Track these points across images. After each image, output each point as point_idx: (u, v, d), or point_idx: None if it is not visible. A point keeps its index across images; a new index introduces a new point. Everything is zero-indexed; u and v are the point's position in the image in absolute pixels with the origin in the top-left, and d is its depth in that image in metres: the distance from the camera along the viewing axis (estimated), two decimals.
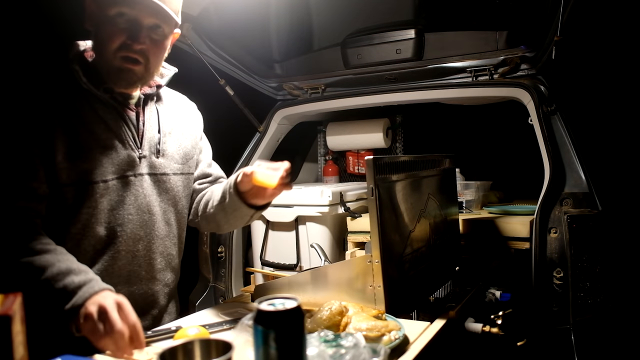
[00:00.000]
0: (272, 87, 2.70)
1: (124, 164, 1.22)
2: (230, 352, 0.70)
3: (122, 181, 1.22)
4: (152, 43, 1.18)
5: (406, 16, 2.33)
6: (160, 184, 1.30)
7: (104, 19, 1.14)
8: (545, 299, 1.82)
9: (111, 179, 1.20)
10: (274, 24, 2.54)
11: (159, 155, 1.30)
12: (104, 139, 1.20)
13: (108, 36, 1.14)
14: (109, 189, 1.19)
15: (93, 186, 1.17)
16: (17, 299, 0.71)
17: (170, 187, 1.33)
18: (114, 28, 1.13)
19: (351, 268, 1.25)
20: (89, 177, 1.16)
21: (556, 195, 1.89)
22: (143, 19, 1.14)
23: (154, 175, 1.29)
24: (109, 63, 1.17)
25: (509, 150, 2.84)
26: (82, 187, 1.16)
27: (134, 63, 1.17)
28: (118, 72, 1.17)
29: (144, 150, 1.27)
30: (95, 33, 1.19)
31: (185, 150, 1.38)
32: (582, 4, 1.71)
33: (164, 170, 1.31)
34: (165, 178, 1.31)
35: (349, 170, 3.21)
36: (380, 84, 2.52)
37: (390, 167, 1.29)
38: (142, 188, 1.26)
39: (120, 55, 1.15)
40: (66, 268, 1.06)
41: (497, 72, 2.23)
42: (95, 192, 1.17)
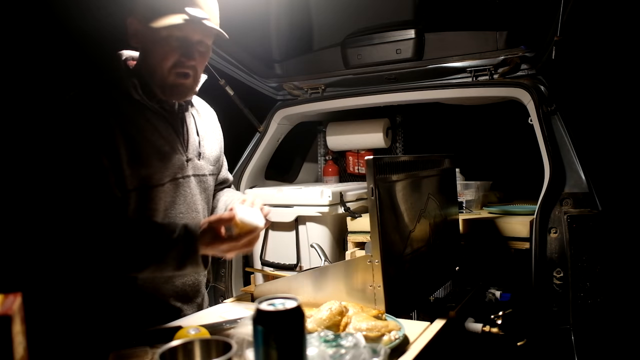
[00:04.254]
0: (272, 87, 2.70)
1: (175, 168, 1.32)
2: (230, 352, 0.70)
3: (174, 183, 1.32)
4: (200, 56, 1.27)
5: (406, 16, 2.33)
6: (201, 184, 1.42)
7: (155, 39, 1.22)
8: (545, 299, 1.82)
9: (166, 182, 1.30)
10: (274, 24, 2.54)
11: (200, 158, 1.41)
12: (158, 146, 1.29)
13: (162, 56, 1.23)
14: (164, 192, 1.30)
15: (152, 190, 1.27)
16: (17, 299, 0.71)
17: (207, 187, 1.45)
18: (167, 48, 1.22)
19: (351, 268, 1.25)
20: (149, 182, 1.26)
21: (556, 195, 1.89)
22: (192, 36, 1.23)
23: (197, 176, 1.40)
24: (164, 80, 1.25)
25: (509, 150, 2.84)
26: (143, 191, 1.25)
27: (186, 77, 1.26)
28: (172, 87, 1.26)
29: (189, 153, 1.37)
30: (145, 51, 1.27)
31: (216, 152, 1.50)
32: (582, 4, 1.71)
33: (204, 172, 1.43)
34: (205, 179, 1.43)
35: (349, 170, 3.21)
36: (380, 84, 2.52)
37: (390, 167, 1.29)
38: (189, 188, 1.37)
39: (175, 72, 1.24)
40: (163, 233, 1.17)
41: (497, 72, 2.23)
42: (153, 195, 1.27)
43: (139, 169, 1.24)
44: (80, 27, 2.22)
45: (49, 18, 2.21)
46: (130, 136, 1.23)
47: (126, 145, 1.22)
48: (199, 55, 1.26)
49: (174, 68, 1.24)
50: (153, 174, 1.26)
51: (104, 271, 1.25)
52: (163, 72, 1.24)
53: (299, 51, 2.60)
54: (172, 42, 1.22)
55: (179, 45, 1.22)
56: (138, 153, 1.24)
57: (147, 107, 1.29)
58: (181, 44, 1.22)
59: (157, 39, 1.22)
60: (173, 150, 1.32)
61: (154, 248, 1.16)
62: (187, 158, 1.36)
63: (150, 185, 1.26)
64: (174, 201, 1.32)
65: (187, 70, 1.25)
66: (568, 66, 2.21)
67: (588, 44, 2.45)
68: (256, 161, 2.68)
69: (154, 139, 1.28)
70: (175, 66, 1.24)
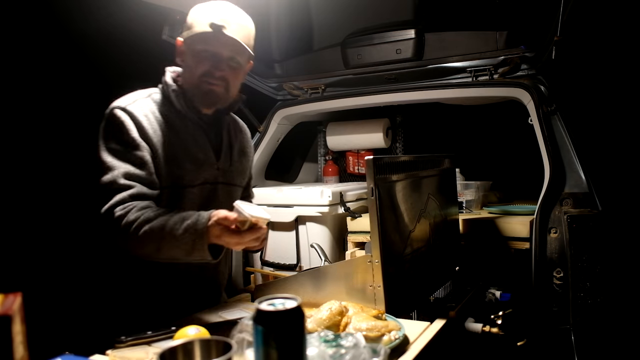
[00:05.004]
0: (272, 87, 2.70)
1: (206, 174, 1.46)
2: (230, 352, 0.70)
3: (203, 188, 1.45)
4: (230, 70, 1.42)
5: (406, 16, 2.33)
6: (229, 192, 1.54)
7: (192, 54, 1.40)
8: (545, 299, 1.82)
9: (196, 185, 1.43)
10: (274, 24, 2.54)
11: (230, 169, 1.54)
12: (193, 152, 1.43)
13: (195, 65, 1.40)
14: (194, 194, 1.43)
15: (183, 190, 1.40)
16: (17, 299, 0.71)
17: (235, 196, 1.56)
18: (200, 59, 1.39)
19: (351, 268, 1.25)
20: (181, 183, 1.40)
21: (556, 195, 1.89)
22: (222, 52, 1.39)
23: (226, 184, 1.53)
24: (197, 87, 1.41)
25: (509, 150, 2.84)
26: (175, 190, 1.39)
27: (216, 85, 1.42)
28: (204, 93, 1.42)
29: (221, 163, 1.51)
30: (185, 65, 1.44)
31: (245, 167, 1.64)
32: (582, 4, 1.71)
33: (234, 182, 1.57)
34: (232, 188, 1.56)
35: (349, 170, 3.21)
36: (380, 84, 2.52)
37: (390, 167, 1.29)
38: (217, 195, 1.49)
39: (206, 80, 1.40)
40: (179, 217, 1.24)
41: (497, 72, 2.23)
42: (183, 196, 1.40)
43: (173, 169, 1.38)
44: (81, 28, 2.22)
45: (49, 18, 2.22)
46: (168, 140, 1.39)
47: (164, 147, 1.38)
48: (229, 68, 1.42)
49: (204, 76, 1.40)
50: (185, 176, 1.40)
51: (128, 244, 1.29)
52: (195, 79, 1.41)
53: (299, 51, 2.60)
54: (205, 55, 1.39)
55: (210, 57, 1.39)
56: (174, 155, 1.39)
57: (187, 117, 1.45)
58: (212, 57, 1.39)
59: (192, 53, 1.40)
60: (206, 158, 1.46)
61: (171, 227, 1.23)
62: (218, 167, 1.49)
63: (181, 185, 1.40)
64: (202, 204, 1.44)
65: (216, 80, 1.41)
66: (568, 66, 2.21)
67: (588, 44, 2.45)
68: (256, 161, 2.68)
69: (190, 145, 1.43)
70: (206, 75, 1.40)
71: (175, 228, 1.21)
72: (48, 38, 2.23)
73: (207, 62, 1.39)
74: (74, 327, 2.09)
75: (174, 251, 1.22)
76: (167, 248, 1.23)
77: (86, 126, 2.32)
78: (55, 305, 2.16)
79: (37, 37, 2.20)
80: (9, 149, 2.11)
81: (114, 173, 1.29)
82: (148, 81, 1.58)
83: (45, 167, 2.24)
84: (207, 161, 1.46)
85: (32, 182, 2.20)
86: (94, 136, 1.50)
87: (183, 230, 1.20)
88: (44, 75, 2.23)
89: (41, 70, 2.22)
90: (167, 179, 1.37)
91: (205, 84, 1.40)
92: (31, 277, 2.13)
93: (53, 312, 2.10)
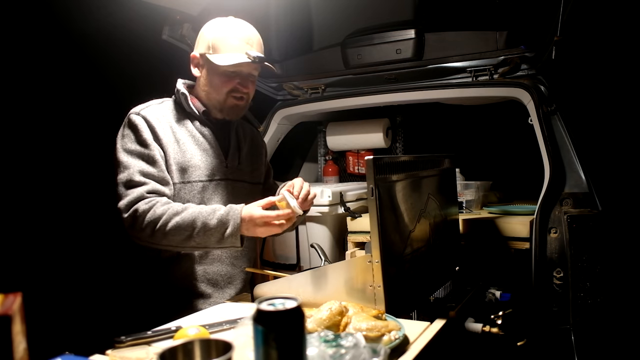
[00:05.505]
0: (272, 87, 2.70)
1: (215, 170, 1.60)
2: (230, 352, 0.70)
3: (211, 183, 1.59)
4: (251, 84, 1.61)
5: (406, 16, 2.33)
6: (239, 188, 1.67)
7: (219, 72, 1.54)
8: (545, 299, 1.82)
9: (205, 180, 1.57)
10: (274, 24, 2.54)
11: (239, 166, 1.68)
12: (202, 150, 1.58)
13: (222, 84, 1.55)
14: (202, 188, 1.56)
15: (192, 184, 1.54)
16: (17, 299, 0.71)
17: (246, 193, 1.68)
18: (227, 77, 1.55)
19: (351, 268, 1.25)
20: (190, 177, 1.54)
21: (556, 195, 1.89)
22: (246, 70, 1.56)
23: (234, 180, 1.66)
24: (223, 102, 1.58)
25: (509, 150, 2.84)
26: (185, 184, 1.53)
27: (241, 100, 1.59)
28: (230, 108, 1.59)
29: (229, 161, 1.65)
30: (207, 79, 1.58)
31: (255, 166, 1.77)
32: (582, 4, 1.71)
33: (243, 178, 1.70)
34: (243, 184, 1.69)
35: (349, 170, 3.21)
36: (380, 84, 2.52)
37: (390, 167, 1.29)
38: (225, 189, 1.62)
39: (232, 96, 1.57)
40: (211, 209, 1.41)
41: (497, 72, 2.23)
42: (193, 189, 1.54)
43: (183, 166, 1.53)
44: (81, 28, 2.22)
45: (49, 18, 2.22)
46: (178, 139, 1.54)
47: (174, 146, 1.52)
48: (251, 83, 1.60)
49: (231, 93, 1.56)
50: (194, 171, 1.54)
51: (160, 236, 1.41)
52: (222, 96, 1.57)
53: (299, 51, 2.60)
54: (231, 74, 1.54)
55: (235, 76, 1.55)
56: (183, 153, 1.54)
57: (197, 119, 1.60)
58: (238, 75, 1.55)
59: (219, 72, 1.54)
60: (214, 155, 1.61)
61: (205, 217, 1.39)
62: (227, 165, 1.64)
63: (190, 180, 1.54)
64: (210, 198, 1.57)
65: (242, 95, 1.58)
66: (568, 66, 2.21)
67: (588, 44, 2.45)
68: None
69: (199, 144, 1.58)
70: (232, 92, 1.56)
71: (209, 218, 1.38)
72: (48, 38, 2.23)
73: (234, 80, 1.55)
74: (74, 327, 2.09)
75: (206, 240, 1.39)
76: (199, 237, 1.38)
77: (86, 126, 2.33)
78: (55, 305, 2.16)
79: (37, 37, 2.20)
80: (9, 149, 2.11)
81: (130, 171, 1.44)
82: (148, 81, 1.59)
83: (45, 167, 2.24)
84: (216, 159, 1.61)
85: (32, 183, 2.20)
86: (94, 136, 1.50)
87: (217, 220, 1.37)
88: (44, 75, 2.23)
89: (41, 70, 2.22)
90: (177, 175, 1.52)
91: (231, 99, 1.57)
92: (31, 277, 2.13)
93: (53, 312, 2.10)
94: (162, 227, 1.38)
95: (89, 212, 2.31)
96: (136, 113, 1.51)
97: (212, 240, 1.39)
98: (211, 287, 1.59)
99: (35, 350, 0.82)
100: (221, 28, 1.54)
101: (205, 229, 1.38)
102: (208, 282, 1.58)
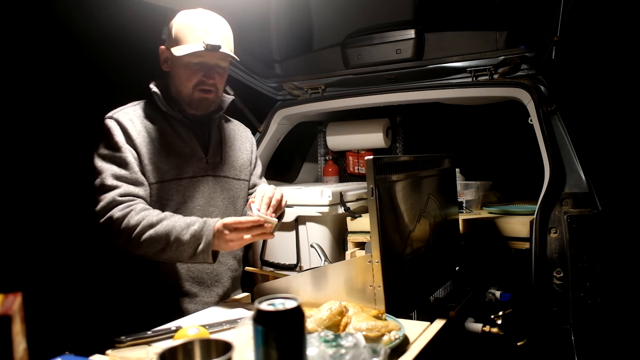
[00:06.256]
0: (272, 87, 2.70)
1: (195, 167, 1.56)
2: (230, 352, 0.70)
3: (192, 180, 1.55)
4: (219, 76, 1.55)
5: (406, 16, 2.33)
6: (222, 184, 1.62)
7: (181, 64, 1.50)
8: (545, 299, 1.82)
9: (184, 177, 1.53)
10: (274, 24, 2.54)
11: (221, 162, 1.63)
12: (179, 148, 1.54)
13: (187, 77, 1.51)
14: (182, 186, 1.53)
15: (170, 183, 1.51)
16: (17, 299, 0.71)
17: (230, 188, 1.65)
18: (191, 71, 1.50)
19: (351, 268, 1.25)
20: (168, 176, 1.51)
21: (556, 195, 1.89)
22: (210, 61, 1.50)
23: (217, 177, 1.61)
24: (190, 96, 1.53)
25: (509, 150, 2.84)
26: (163, 183, 1.50)
27: (208, 92, 1.54)
28: (198, 101, 1.54)
29: (210, 157, 1.60)
30: (173, 73, 1.54)
31: (242, 161, 1.71)
32: (582, 4, 1.71)
33: (226, 174, 1.64)
34: (226, 180, 1.64)
35: (349, 170, 3.21)
36: (380, 84, 2.52)
37: (390, 167, 1.29)
38: (207, 186, 1.58)
39: (198, 89, 1.52)
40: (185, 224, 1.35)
41: (497, 72, 2.23)
42: (171, 188, 1.51)
43: (159, 165, 1.49)
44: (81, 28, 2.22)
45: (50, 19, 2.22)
46: (153, 139, 1.51)
47: (149, 146, 1.49)
48: (217, 75, 1.54)
49: (197, 86, 1.51)
50: (171, 170, 1.51)
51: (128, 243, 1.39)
52: (188, 90, 1.52)
53: (299, 51, 2.60)
54: (194, 66, 1.49)
55: (200, 68, 1.50)
56: (158, 151, 1.50)
57: (172, 117, 1.56)
58: (202, 67, 1.50)
59: (182, 64, 1.50)
60: (193, 152, 1.56)
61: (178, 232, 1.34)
62: (207, 161, 1.59)
63: (168, 179, 1.50)
64: (192, 195, 1.54)
65: (209, 87, 1.53)
66: (568, 66, 2.21)
67: (588, 44, 2.45)
68: None
69: (175, 141, 1.54)
70: (198, 85, 1.51)
71: (182, 233, 1.33)
72: (48, 38, 2.23)
73: (199, 73, 1.50)
74: (74, 327, 2.09)
75: (179, 254, 1.35)
76: (172, 251, 1.35)
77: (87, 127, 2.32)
78: (55, 305, 2.16)
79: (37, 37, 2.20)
80: (9, 150, 2.11)
81: (102, 175, 1.43)
82: (149, 81, 1.59)
83: (45, 168, 2.24)
84: (194, 155, 1.56)
85: (32, 183, 2.20)
86: (94, 136, 1.50)
87: (190, 235, 1.33)
88: (45, 76, 2.23)
89: (42, 71, 2.22)
90: (154, 174, 1.49)
91: (198, 93, 1.52)
92: (31, 277, 2.13)
93: (53, 312, 2.10)
94: (136, 238, 1.35)
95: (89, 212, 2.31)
96: (109, 117, 1.49)
97: (185, 255, 1.35)
98: (197, 286, 1.55)
99: (35, 350, 0.82)
100: (184, 19, 1.50)
101: (179, 244, 1.33)
102: (193, 280, 1.55)
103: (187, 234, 1.33)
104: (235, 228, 1.31)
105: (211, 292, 1.58)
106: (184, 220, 1.37)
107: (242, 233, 1.32)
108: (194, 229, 1.33)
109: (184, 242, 1.33)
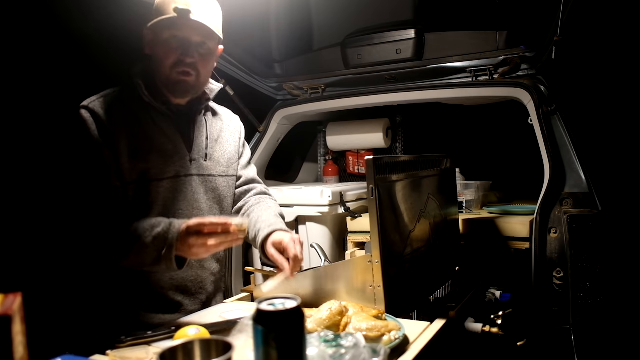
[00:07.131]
0: (272, 87, 2.70)
1: (177, 166, 1.40)
2: (230, 352, 0.70)
3: (174, 180, 1.39)
4: (200, 57, 1.37)
5: (406, 16, 2.33)
6: (207, 183, 1.47)
7: (159, 42, 1.35)
8: (545, 299, 1.82)
9: (165, 178, 1.37)
10: (274, 24, 2.54)
11: (206, 159, 1.47)
12: (160, 144, 1.37)
13: (164, 55, 1.34)
14: (163, 187, 1.36)
15: (151, 184, 1.34)
16: (17, 299, 0.71)
17: (216, 187, 1.50)
18: (168, 48, 1.34)
19: (351, 268, 1.25)
20: (147, 176, 1.34)
21: (556, 195, 1.89)
22: (191, 37, 1.34)
23: (202, 176, 1.46)
24: (167, 77, 1.36)
25: (509, 150, 2.84)
26: (141, 184, 1.33)
27: (187, 75, 1.36)
28: (175, 83, 1.36)
29: (194, 154, 1.44)
30: (153, 54, 1.38)
31: (229, 155, 1.56)
32: (582, 4, 1.71)
33: (211, 172, 1.48)
34: (211, 179, 1.49)
35: (349, 170, 3.21)
36: (380, 84, 2.52)
37: (390, 167, 1.29)
38: (191, 187, 1.42)
39: (176, 70, 1.35)
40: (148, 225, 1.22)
41: (497, 72, 2.23)
42: (152, 190, 1.34)
43: (138, 163, 1.33)
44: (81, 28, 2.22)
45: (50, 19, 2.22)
46: (132, 133, 1.33)
47: (127, 141, 1.32)
48: (198, 55, 1.36)
49: (175, 67, 1.34)
50: (151, 169, 1.34)
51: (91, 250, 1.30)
52: (166, 69, 1.35)
53: (299, 51, 2.60)
54: (172, 43, 1.33)
55: (178, 45, 1.34)
56: (138, 148, 1.33)
57: (154, 108, 1.39)
58: (181, 44, 1.33)
59: (160, 41, 1.34)
60: (175, 149, 1.40)
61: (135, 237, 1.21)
62: (190, 158, 1.43)
63: (147, 179, 1.34)
64: (174, 197, 1.39)
65: (187, 68, 1.35)
66: (568, 66, 2.21)
67: (588, 44, 2.45)
68: (256, 161, 2.68)
69: (156, 137, 1.37)
70: (176, 65, 1.34)
71: (145, 235, 1.20)
72: (48, 39, 2.23)
73: (176, 51, 1.33)
74: (74, 327, 2.09)
75: (141, 258, 1.21)
76: (135, 254, 1.22)
77: None
78: (55, 305, 2.16)
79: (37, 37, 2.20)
80: (9, 150, 2.11)
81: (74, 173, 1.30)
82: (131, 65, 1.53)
83: (45, 167, 2.24)
84: (177, 152, 1.40)
85: (32, 183, 2.20)
86: None
87: (152, 238, 1.19)
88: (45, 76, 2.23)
89: (42, 71, 2.22)
90: (132, 173, 1.32)
91: (175, 74, 1.35)
92: (31, 277, 2.13)
93: (53, 312, 2.10)
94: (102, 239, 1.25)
95: None
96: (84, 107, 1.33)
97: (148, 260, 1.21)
98: (180, 295, 1.41)
99: (35, 350, 0.82)
100: None
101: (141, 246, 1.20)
102: (177, 290, 1.40)
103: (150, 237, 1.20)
104: (197, 231, 1.16)
105: (195, 299, 1.45)
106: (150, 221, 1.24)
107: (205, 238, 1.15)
108: (157, 231, 1.20)
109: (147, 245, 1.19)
